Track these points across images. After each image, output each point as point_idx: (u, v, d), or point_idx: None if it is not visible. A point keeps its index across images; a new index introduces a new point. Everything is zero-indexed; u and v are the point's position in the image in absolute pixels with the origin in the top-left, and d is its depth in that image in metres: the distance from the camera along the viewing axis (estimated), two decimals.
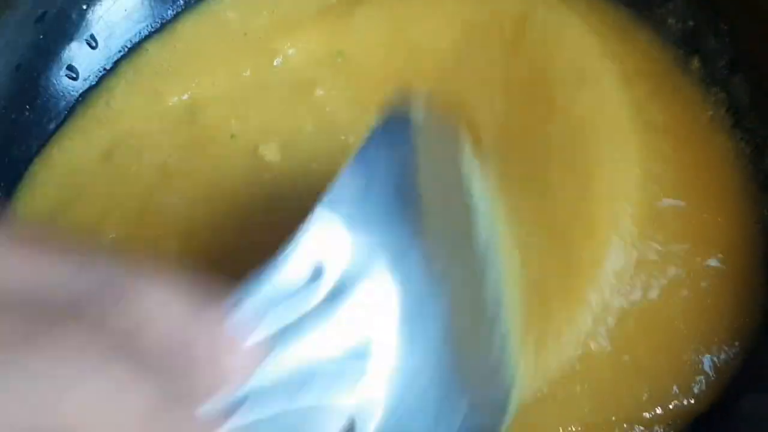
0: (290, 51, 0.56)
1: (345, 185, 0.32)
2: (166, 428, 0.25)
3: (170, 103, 0.55)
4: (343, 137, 0.52)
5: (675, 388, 0.43)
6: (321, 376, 0.30)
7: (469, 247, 0.38)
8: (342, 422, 0.30)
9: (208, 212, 0.51)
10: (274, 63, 0.56)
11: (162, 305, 0.25)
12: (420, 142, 0.36)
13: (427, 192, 0.36)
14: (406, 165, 0.35)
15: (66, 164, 0.55)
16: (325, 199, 0.31)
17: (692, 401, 0.42)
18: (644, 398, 0.43)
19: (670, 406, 0.42)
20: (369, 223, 0.32)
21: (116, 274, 0.25)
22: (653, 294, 0.45)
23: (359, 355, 0.31)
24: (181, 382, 0.25)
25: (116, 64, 0.58)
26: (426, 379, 0.33)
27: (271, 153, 0.52)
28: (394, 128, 0.36)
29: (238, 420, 0.27)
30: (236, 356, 0.27)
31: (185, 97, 0.56)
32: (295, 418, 0.29)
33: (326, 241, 0.31)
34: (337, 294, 0.30)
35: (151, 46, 0.58)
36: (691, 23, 0.51)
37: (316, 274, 0.30)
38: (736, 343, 0.44)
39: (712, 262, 0.45)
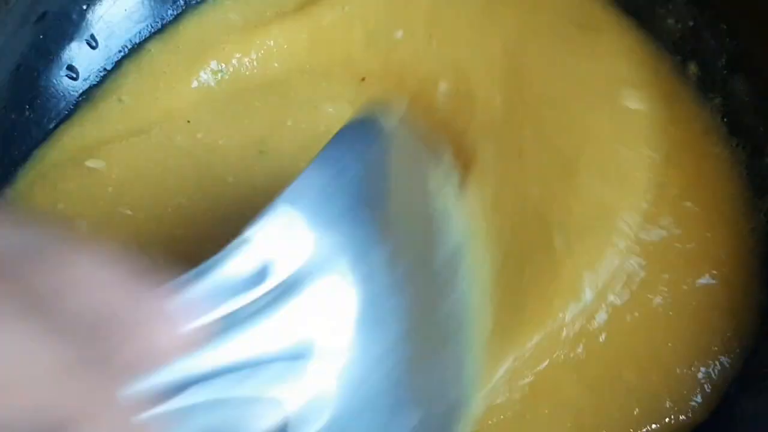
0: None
1: (308, 181, 0.31)
2: (79, 391, 0.23)
3: (170, 103, 0.55)
4: (323, 128, 0.52)
5: (668, 402, 0.42)
6: (256, 371, 0.29)
7: (432, 260, 0.36)
8: (274, 421, 0.29)
9: (201, 214, 0.50)
10: (276, 65, 0.56)
11: (91, 271, 0.24)
12: (391, 148, 0.35)
13: (393, 197, 0.35)
14: (373, 167, 0.34)
15: (68, 163, 0.54)
16: (286, 193, 0.30)
17: (689, 414, 0.42)
18: (635, 413, 0.42)
19: (666, 420, 0.41)
20: (330, 221, 0.31)
21: (50, 239, 0.24)
22: (643, 311, 0.44)
23: (300, 355, 0.30)
24: (101, 348, 0.24)
25: (118, 64, 0.57)
26: (377, 387, 0.32)
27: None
28: (365, 130, 0.35)
29: (162, 406, 0.26)
30: (167, 335, 0.25)
31: (185, 96, 0.55)
32: (223, 410, 0.28)
33: (281, 235, 0.30)
34: (287, 290, 0.29)
35: (154, 47, 0.58)
36: (690, 24, 0.50)
37: (265, 269, 0.29)
38: (731, 353, 0.43)
39: (704, 280, 0.44)
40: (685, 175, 0.47)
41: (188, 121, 0.54)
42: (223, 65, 0.56)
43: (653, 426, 0.41)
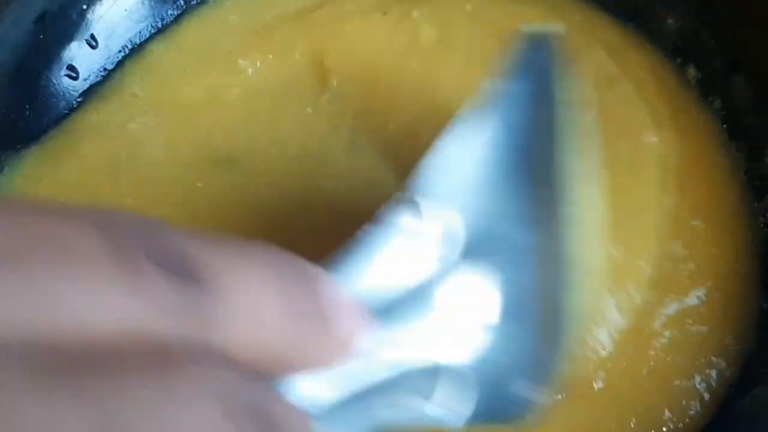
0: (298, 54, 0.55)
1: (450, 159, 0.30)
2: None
3: (172, 106, 0.54)
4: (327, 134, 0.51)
5: (667, 412, 0.41)
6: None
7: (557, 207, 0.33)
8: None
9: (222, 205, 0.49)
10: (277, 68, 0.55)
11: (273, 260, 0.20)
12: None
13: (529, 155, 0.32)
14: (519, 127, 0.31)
15: (69, 163, 0.54)
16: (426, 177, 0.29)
17: (687, 422, 0.41)
18: (632, 425, 0.41)
19: (664, 429, 0.40)
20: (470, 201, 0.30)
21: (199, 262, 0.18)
22: (641, 323, 0.43)
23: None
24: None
25: (119, 64, 0.56)
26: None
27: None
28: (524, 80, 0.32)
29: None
30: (352, 329, 0.22)
31: (187, 98, 0.54)
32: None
33: (425, 221, 0.28)
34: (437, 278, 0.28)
35: (155, 48, 0.57)
36: (690, 24, 0.50)
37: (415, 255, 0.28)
38: (730, 358, 0.42)
39: (701, 291, 0.43)
40: (695, 195, 0.45)
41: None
42: (227, 66, 0.55)
43: None
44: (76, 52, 0.55)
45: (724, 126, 0.47)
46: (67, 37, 0.55)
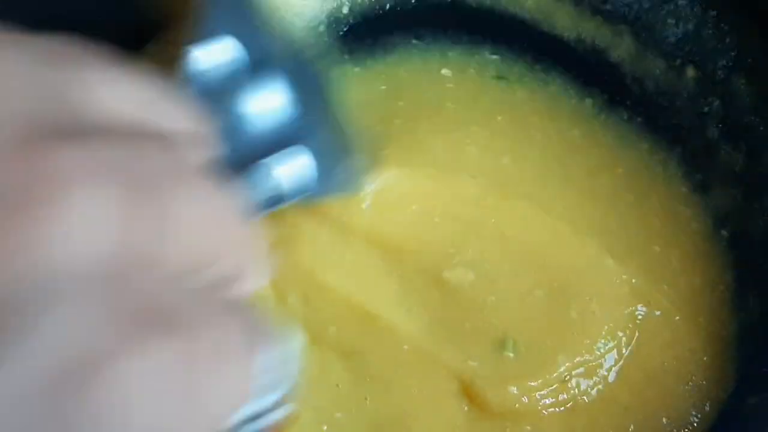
0: None
1: None
2: None
3: None
4: None
5: (665, 419, 0.41)
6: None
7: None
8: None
9: None
10: None
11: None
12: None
13: None
14: None
15: None
16: None
17: (687, 429, 0.41)
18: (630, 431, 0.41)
19: None
20: None
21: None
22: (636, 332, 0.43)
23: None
24: None
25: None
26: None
27: None
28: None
29: None
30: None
31: None
32: None
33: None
34: None
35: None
36: (690, 26, 0.49)
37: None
38: (729, 362, 0.42)
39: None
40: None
41: None
42: None
43: None
44: None
45: (720, 126, 0.47)
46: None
